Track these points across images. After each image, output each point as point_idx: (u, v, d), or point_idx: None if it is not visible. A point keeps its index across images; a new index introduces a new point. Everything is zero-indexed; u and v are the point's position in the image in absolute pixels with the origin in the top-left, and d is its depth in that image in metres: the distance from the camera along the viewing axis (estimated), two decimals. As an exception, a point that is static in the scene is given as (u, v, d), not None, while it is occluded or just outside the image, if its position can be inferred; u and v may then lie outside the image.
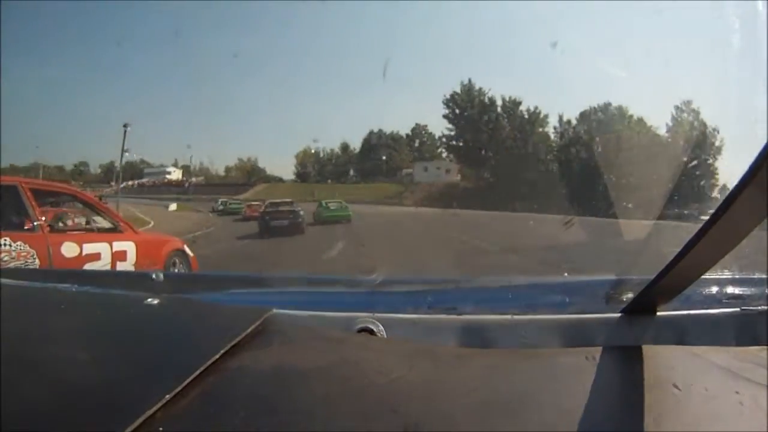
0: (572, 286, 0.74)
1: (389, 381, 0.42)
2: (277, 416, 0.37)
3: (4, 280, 0.88)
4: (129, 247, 3.60)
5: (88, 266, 3.17)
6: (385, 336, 0.55)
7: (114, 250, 3.44)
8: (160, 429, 0.34)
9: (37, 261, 2.92)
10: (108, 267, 3.30)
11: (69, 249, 3.16)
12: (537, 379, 0.43)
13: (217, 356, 0.44)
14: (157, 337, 0.54)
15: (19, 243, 2.92)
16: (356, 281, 0.92)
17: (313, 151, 32.95)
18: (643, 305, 0.51)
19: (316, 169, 33.50)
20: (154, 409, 0.35)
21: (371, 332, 0.55)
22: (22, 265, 2.87)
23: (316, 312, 0.59)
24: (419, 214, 18.74)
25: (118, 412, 0.36)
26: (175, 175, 34.26)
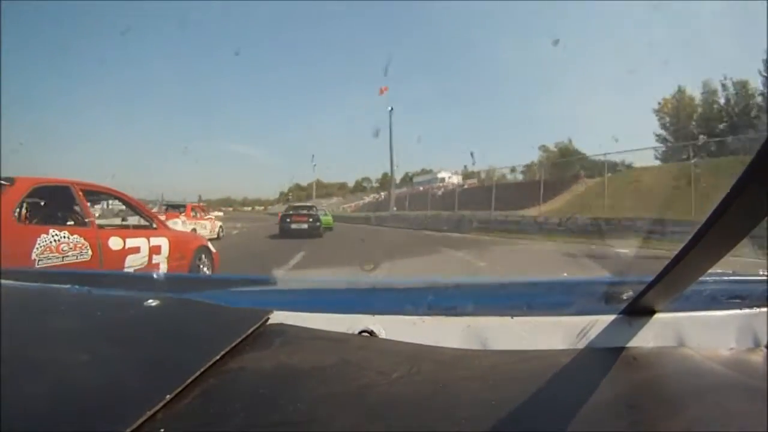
0: (572, 287, 0.74)
1: (390, 381, 0.42)
2: (278, 417, 0.37)
3: (4, 281, 0.88)
4: (163, 242, 3.98)
5: (129, 258, 3.61)
6: (386, 337, 0.55)
7: (151, 244, 3.84)
8: (161, 429, 0.34)
9: (89, 252, 3.28)
10: (146, 259, 3.72)
11: (115, 243, 3.54)
12: (537, 379, 0.43)
13: (218, 357, 0.45)
14: (158, 338, 0.54)
15: (75, 236, 3.25)
16: (356, 282, 0.92)
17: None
18: (643, 306, 0.51)
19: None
20: (155, 409, 0.35)
21: (372, 333, 0.56)
22: (77, 256, 3.23)
23: (317, 313, 0.59)
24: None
25: (118, 413, 0.36)
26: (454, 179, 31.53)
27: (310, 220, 12.40)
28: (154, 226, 4.11)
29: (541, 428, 0.36)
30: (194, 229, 10.42)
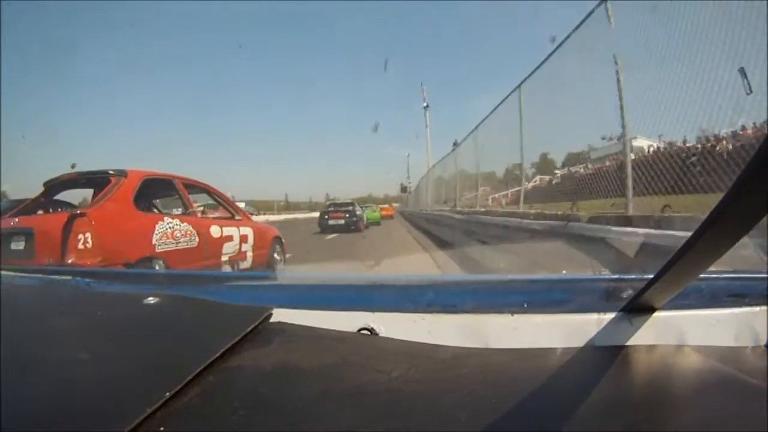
0: (571, 285, 0.74)
1: (389, 380, 0.42)
2: (278, 415, 0.37)
3: (4, 279, 0.88)
4: (249, 232, 4.34)
5: (225, 245, 3.97)
6: (386, 334, 0.55)
7: (240, 233, 4.20)
8: (161, 428, 0.34)
9: (197, 239, 3.62)
10: (237, 247, 4.09)
11: (215, 231, 3.87)
12: (537, 377, 0.43)
13: (218, 355, 0.45)
14: (158, 336, 0.54)
15: (185, 224, 3.58)
16: (356, 280, 0.92)
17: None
18: (643, 304, 0.51)
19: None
20: (155, 407, 0.35)
21: (371, 331, 0.56)
22: (187, 243, 3.55)
23: (317, 311, 0.59)
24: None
25: (118, 411, 0.36)
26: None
27: (347, 216, 13.55)
28: (238, 218, 4.41)
29: (541, 427, 0.36)
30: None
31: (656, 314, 0.52)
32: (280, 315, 0.57)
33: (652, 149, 3.99)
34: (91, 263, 2.80)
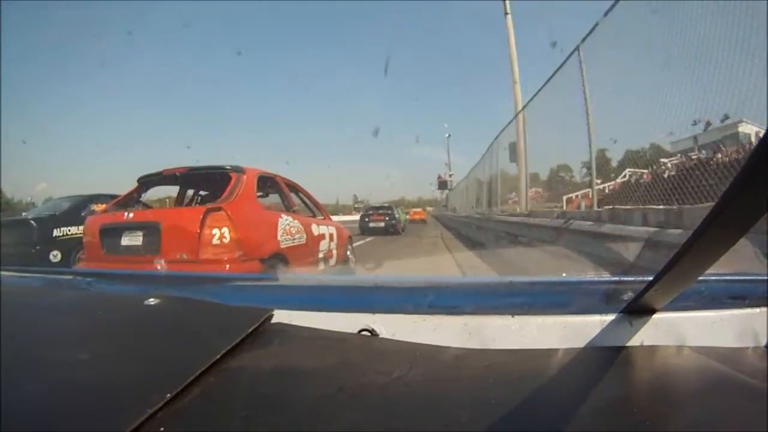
0: (572, 286, 0.74)
1: (390, 381, 0.42)
2: (278, 416, 0.37)
3: (4, 281, 0.89)
4: (334, 231, 4.46)
5: (321, 243, 4.04)
6: (386, 335, 0.55)
7: (329, 231, 4.31)
8: (162, 429, 0.34)
9: (305, 236, 3.65)
10: (328, 245, 4.18)
11: (315, 229, 3.94)
12: (537, 378, 0.43)
13: (218, 356, 0.45)
14: (158, 337, 0.54)
15: (296, 222, 3.61)
16: (357, 281, 0.92)
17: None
18: (643, 305, 0.51)
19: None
20: (155, 408, 0.35)
21: (372, 332, 0.56)
22: (299, 240, 3.55)
23: (317, 312, 0.59)
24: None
25: (119, 412, 0.36)
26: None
27: (387, 218, 14.13)
28: (320, 217, 4.50)
29: (542, 427, 0.36)
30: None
31: (656, 315, 0.52)
32: (281, 316, 0.57)
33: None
34: (227, 259, 2.72)
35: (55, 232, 5.87)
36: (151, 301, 0.63)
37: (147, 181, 3.65)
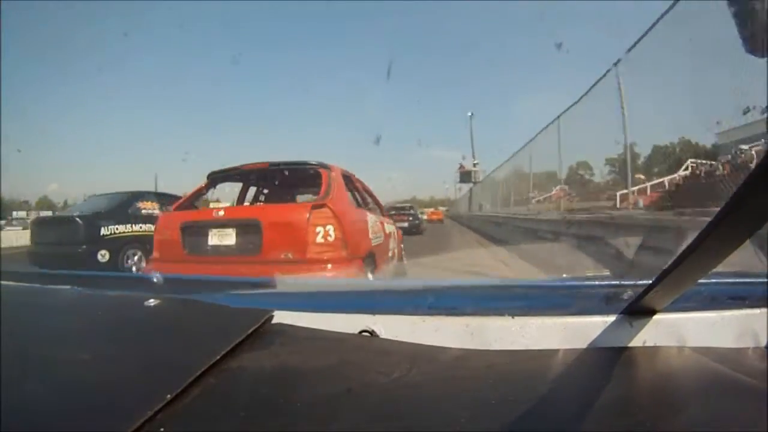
0: (572, 288, 0.74)
1: (390, 381, 0.42)
2: (278, 417, 0.37)
3: (4, 281, 0.89)
4: (394, 229, 4.41)
5: (390, 241, 3.93)
6: (386, 337, 0.55)
7: (393, 230, 4.31)
8: (162, 429, 0.34)
9: (382, 235, 3.58)
10: (394, 243, 4.14)
11: (386, 227, 3.89)
12: (537, 379, 0.43)
13: (218, 357, 0.45)
14: (158, 338, 0.54)
15: (377, 220, 3.53)
16: (357, 283, 0.92)
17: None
18: (643, 306, 0.51)
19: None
20: (156, 409, 0.35)
21: (372, 333, 0.56)
22: (380, 238, 3.46)
23: (317, 313, 0.59)
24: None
25: (119, 413, 0.36)
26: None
27: (410, 218, 13.94)
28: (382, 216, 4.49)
29: (541, 428, 0.36)
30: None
31: (657, 316, 0.52)
32: (281, 317, 0.57)
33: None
34: (335, 258, 2.56)
35: (103, 231, 5.56)
36: (152, 302, 0.63)
37: (217, 177, 3.40)
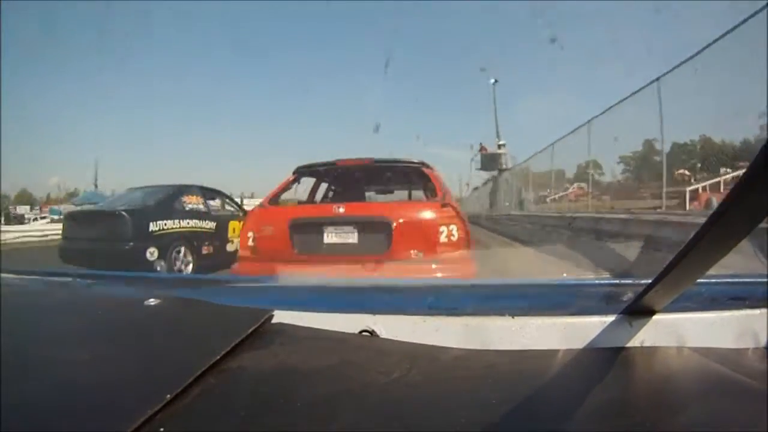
0: (572, 288, 0.74)
1: (390, 381, 0.42)
2: (278, 416, 0.37)
3: (4, 280, 0.89)
4: None
5: None
6: (386, 336, 0.55)
7: None
8: (162, 429, 0.34)
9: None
10: None
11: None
12: (537, 379, 0.43)
13: (218, 357, 0.45)
14: (158, 338, 0.54)
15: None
16: (357, 282, 0.92)
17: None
18: (643, 306, 0.51)
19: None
20: (156, 409, 0.35)
21: (372, 333, 0.56)
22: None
23: (317, 313, 0.60)
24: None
25: (119, 412, 0.36)
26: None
27: None
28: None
29: (541, 428, 0.36)
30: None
31: (656, 317, 0.52)
32: (281, 317, 0.57)
33: None
34: (461, 258, 2.52)
35: (152, 227, 5.03)
36: (152, 301, 0.63)
37: (305, 172, 3.27)
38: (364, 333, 0.56)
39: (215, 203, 6.05)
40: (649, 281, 0.47)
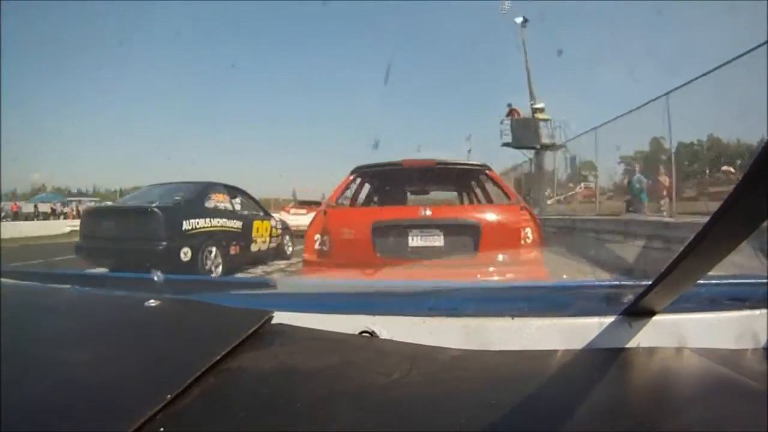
0: (571, 289, 0.74)
1: (390, 382, 0.42)
2: (278, 417, 0.37)
3: (4, 280, 0.89)
4: None
5: None
6: (386, 337, 0.55)
7: None
8: (161, 429, 0.34)
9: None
10: None
11: None
12: (537, 379, 0.43)
13: (218, 357, 0.45)
14: (158, 338, 0.54)
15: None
16: (357, 283, 0.92)
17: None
18: (643, 307, 0.51)
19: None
20: (156, 409, 0.35)
21: (372, 334, 0.56)
22: None
23: (317, 314, 0.60)
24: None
25: (119, 413, 0.36)
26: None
27: None
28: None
29: (541, 428, 0.36)
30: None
31: (656, 317, 0.52)
32: (281, 318, 0.57)
33: None
34: (531, 260, 2.52)
35: (185, 225, 4.69)
36: (152, 302, 0.63)
37: (364, 173, 3.18)
38: (364, 334, 0.56)
39: (238, 202, 5.83)
40: (649, 282, 0.47)
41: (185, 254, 4.58)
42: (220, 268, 5.00)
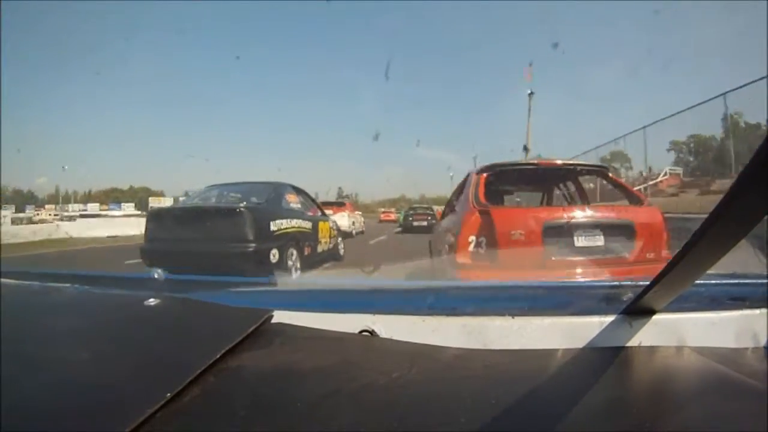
0: (571, 288, 0.74)
1: (390, 381, 0.42)
2: (278, 416, 0.37)
3: (4, 281, 0.89)
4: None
5: None
6: (386, 336, 0.55)
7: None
8: (162, 429, 0.34)
9: None
10: None
11: None
12: (537, 379, 0.43)
13: (218, 356, 0.45)
14: (158, 337, 0.54)
15: None
16: (357, 282, 0.92)
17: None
18: (643, 306, 0.51)
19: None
20: (155, 408, 0.35)
21: (372, 333, 0.56)
22: None
23: (317, 313, 0.60)
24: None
25: (118, 412, 0.36)
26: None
27: (429, 218, 14.40)
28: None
29: (541, 428, 0.36)
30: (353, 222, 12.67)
31: (656, 317, 0.52)
32: (281, 317, 0.57)
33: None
34: (662, 258, 2.50)
35: (272, 227, 4.52)
36: (152, 301, 0.63)
37: (492, 171, 3.08)
38: (364, 333, 0.56)
39: (302, 202, 5.73)
40: (649, 282, 0.47)
41: (274, 256, 4.40)
42: (298, 272, 4.77)
